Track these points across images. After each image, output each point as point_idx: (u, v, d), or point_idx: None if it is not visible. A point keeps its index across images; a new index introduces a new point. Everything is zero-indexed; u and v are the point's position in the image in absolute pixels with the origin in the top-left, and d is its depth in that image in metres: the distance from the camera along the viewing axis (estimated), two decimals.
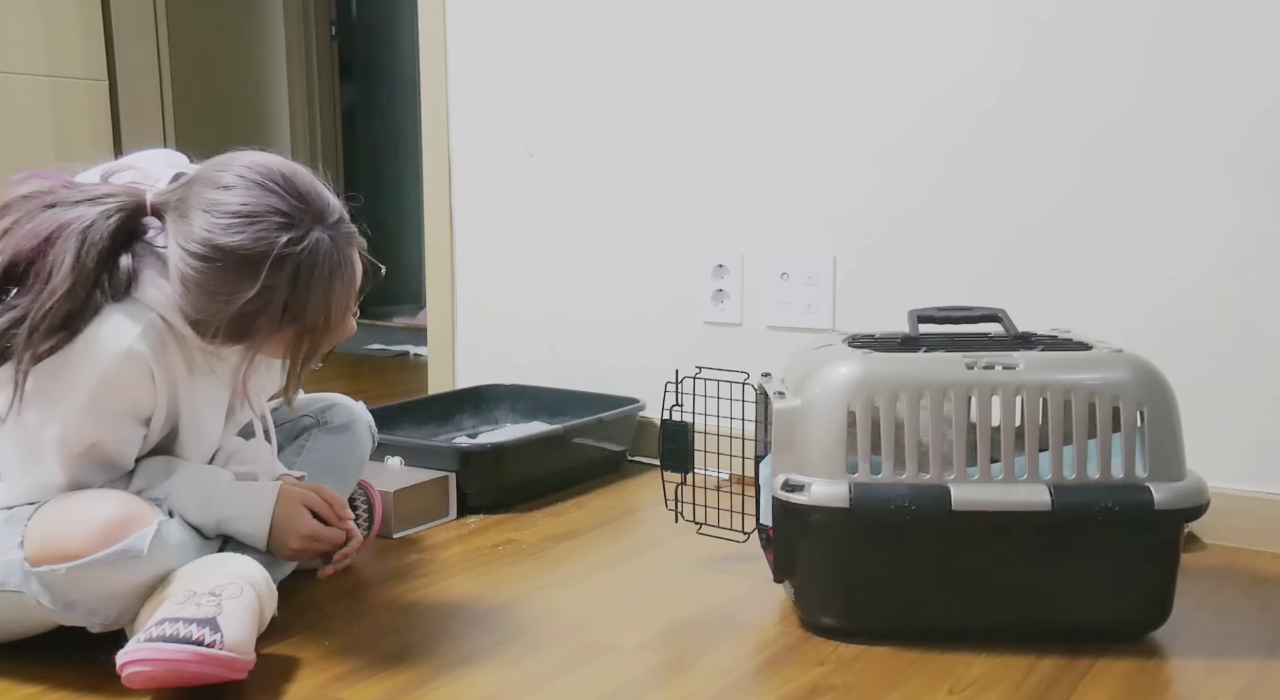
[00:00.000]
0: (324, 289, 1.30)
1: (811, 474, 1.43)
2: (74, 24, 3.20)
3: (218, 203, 1.27)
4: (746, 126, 2.24)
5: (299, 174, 1.32)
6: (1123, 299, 1.92)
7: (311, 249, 1.28)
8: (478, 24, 2.53)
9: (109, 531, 1.29)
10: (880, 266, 2.14)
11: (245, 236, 1.25)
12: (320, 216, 1.30)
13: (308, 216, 1.29)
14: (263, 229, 1.26)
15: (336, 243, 1.31)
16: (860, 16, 2.10)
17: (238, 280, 1.26)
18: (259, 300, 1.27)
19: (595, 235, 2.44)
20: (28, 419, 1.32)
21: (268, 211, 1.27)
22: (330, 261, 1.30)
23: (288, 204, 1.28)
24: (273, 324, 1.29)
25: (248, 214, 1.26)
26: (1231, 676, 1.36)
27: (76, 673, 1.33)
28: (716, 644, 1.47)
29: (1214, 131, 1.84)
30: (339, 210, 1.33)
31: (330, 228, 1.31)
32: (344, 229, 1.33)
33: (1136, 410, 1.42)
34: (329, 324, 1.33)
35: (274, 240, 1.26)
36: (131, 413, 1.37)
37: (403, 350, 3.84)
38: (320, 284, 1.29)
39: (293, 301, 1.28)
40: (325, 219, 1.31)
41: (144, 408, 1.38)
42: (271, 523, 1.49)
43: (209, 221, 1.26)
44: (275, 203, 1.27)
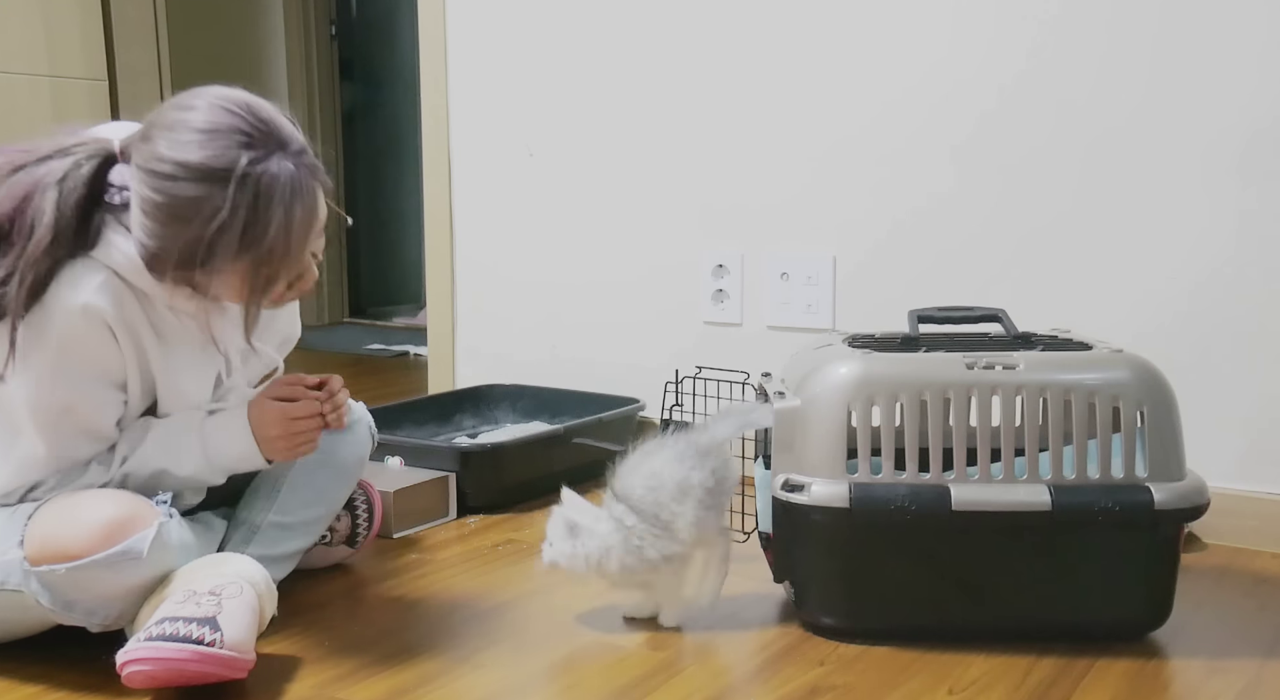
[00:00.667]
0: (284, 213, 1.27)
1: (811, 474, 1.43)
2: (74, 24, 3.20)
3: (181, 121, 1.26)
4: (747, 127, 2.24)
5: (263, 105, 1.30)
6: (1123, 299, 1.92)
7: (273, 171, 1.26)
8: (478, 24, 2.53)
9: (109, 532, 1.28)
10: (880, 266, 2.14)
11: (207, 152, 1.24)
12: (283, 143, 1.28)
13: (271, 141, 1.27)
14: (225, 146, 1.24)
15: (299, 171, 1.28)
16: (862, 18, 2.10)
17: (198, 198, 1.24)
18: (219, 221, 1.24)
19: (595, 235, 2.44)
20: (6, 389, 1.31)
21: (230, 130, 1.25)
22: (292, 186, 1.27)
23: (250, 126, 1.26)
24: (230, 248, 1.26)
25: (210, 130, 1.25)
26: (1231, 676, 1.36)
27: (76, 672, 1.33)
28: (716, 644, 1.47)
29: (1215, 134, 1.84)
30: (303, 143, 1.31)
31: (293, 155, 1.29)
32: (307, 160, 1.31)
33: (1136, 410, 1.42)
34: (288, 253, 1.29)
35: (235, 157, 1.24)
36: (100, 374, 1.35)
37: (403, 350, 3.84)
38: (280, 207, 1.26)
39: (252, 223, 1.25)
40: (288, 146, 1.29)
41: (113, 369, 1.35)
42: (254, 434, 1.45)
43: (171, 139, 1.25)
44: (238, 124, 1.26)
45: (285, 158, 1.28)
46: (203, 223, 1.24)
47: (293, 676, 1.35)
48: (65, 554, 1.27)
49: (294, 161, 1.28)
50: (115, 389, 1.38)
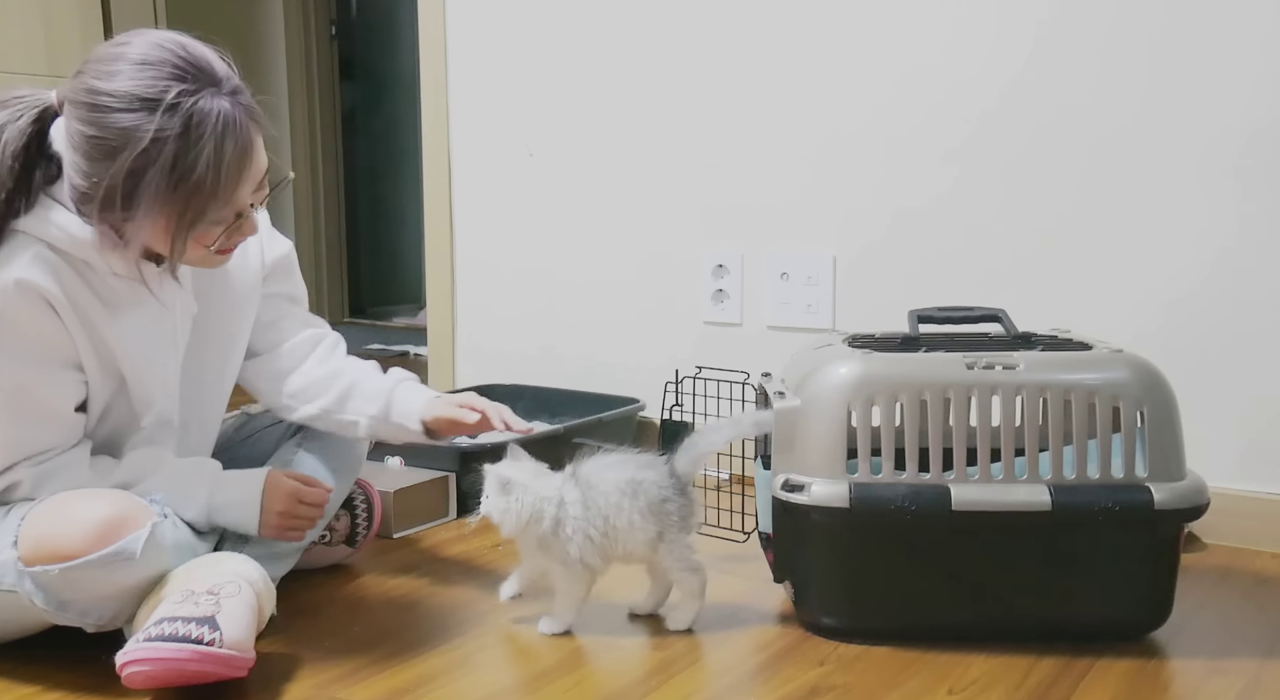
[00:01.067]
0: (214, 147, 1.24)
1: (811, 474, 1.43)
2: (74, 24, 3.20)
3: (113, 54, 1.26)
4: (747, 126, 2.24)
5: (199, 45, 1.30)
6: (1123, 299, 1.92)
7: (203, 105, 1.24)
8: (478, 24, 2.53)
9: (103, 532, 1.28)
10: (880, 266, 2.14)
11: (137, 82, 1.23)
12: (216, 81, 1.27)
13: (204, 77, 1.26)
14: (155, 77, 1.24)
15: (233, 108, 1.27)
16: (862, 18, 2.10)
17: (128, 127, 1.23)
18: (149, 151, 1.22)
19: (595, 235, 2.44)
20: None
21: (162, 62, 1.25)
22: (225, 121, 1.25)
23: (183, 62, 1.26)
24: (161, 181, 1.23)
25: (142, 62, 1.25)
26: (1231, 676, 1.36)
27: (75, 673, 1.33)
28: (716, 644, 1.47)
29: (1214, 134, 1.83)
30: (238, 84, 1.30)
31: (226, 93, 1.27)
32: (243, 100, 1.29)
33: (1136, 410, 1.41)
34: (217, 190, 1.27)
35: (166, 87, 1.23)
36: (47, 353, 1.33)
37: (403, 350, 3.84)
38: (211, 141, 1.24)
39: (182, 155, 1.23)
40: (221, 85, 1.28)
41: (59, 346, 1.34)
42: (261, 504, 1.47)
43: (101, 70, 1.25)
44: (170, 58, 1.26)
45: (219, 95, 1.26)
46: (130, 153, 1.23)
47: (293, 676, 1.35)
48: (59, 554, 1.27)
49: (229, 99, 1.27)
50: (68, 369, 1.36)
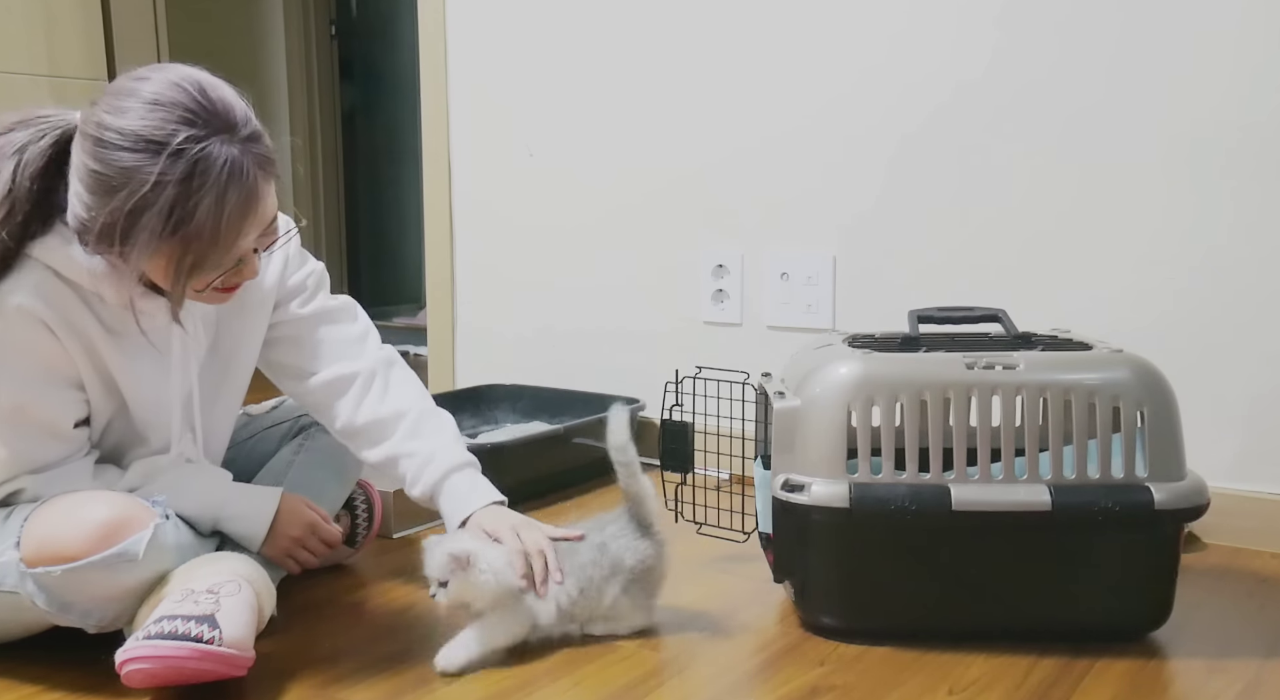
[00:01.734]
0: (217, 196, 1.22)
1: (811, 474, 1.43)
2: (74, 24, 3.19)
3: (130, 90, 1.24)
4: (748, 126, 2.24)
5: (220, 87, 1.27)
6: (1123, 299, 1.92)
7: (211, 151, 1.22)
8: (478, 24, 2.53)
9: (105, 534, 1.28)
10: (880, 266, 2.14)
11: (147, 122, 1.21)
12: (230, 127, 1.24)
13: (217, 121, 1.23)
14: (165, 118, 1.21)
15: (242, 156, 1.24)
16: (861, 19, 2.10)
17: (130, 168, 1.21)
18: (148, 195, 1.20)
19: (595, 235, 2.44)
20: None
21: (175, 104, 1.22)
22: (230, 170, 1.23)
23: (197, 104, 1.23)
24: (158, 225, 1.21)
25: (155, 101, 1.22)
26: (1231, 676, 1.36)
27: (75, 672, 1.33)
28: (716, 644, 1.47)
29: (1210, 133, 1.83)
30: (255, 131, 1.27)
31: (239, 141, 1.25)
32: (255, 149, 1.26)
33: (1136, 410, 1.41)
34: (216, 240, 1.24)
35: (173, 131, 1.21)
36: (47, 374, 1.34)
37: (403, 350, 3.84)
38: (214, 190, 1.21)
39: (181, 202, 1.21)
40: (235, 131, 1.25)
41: (60, 368, 1.34)
42: (273, 524, 1.49)
43: (115, 106, 1.23)
44: (184, 100, 1.23)
45: (230, 141, 1.24)
46: (129, 194, 1.21)
47: (293, 676, 1.35)
48: (61, 555, 1.27)
49: (239, 146, 1.24)
50: (69, 388, 1.36)
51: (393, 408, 1.55)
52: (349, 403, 1.55)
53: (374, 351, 1.59)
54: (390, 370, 1.59)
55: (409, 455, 1.53)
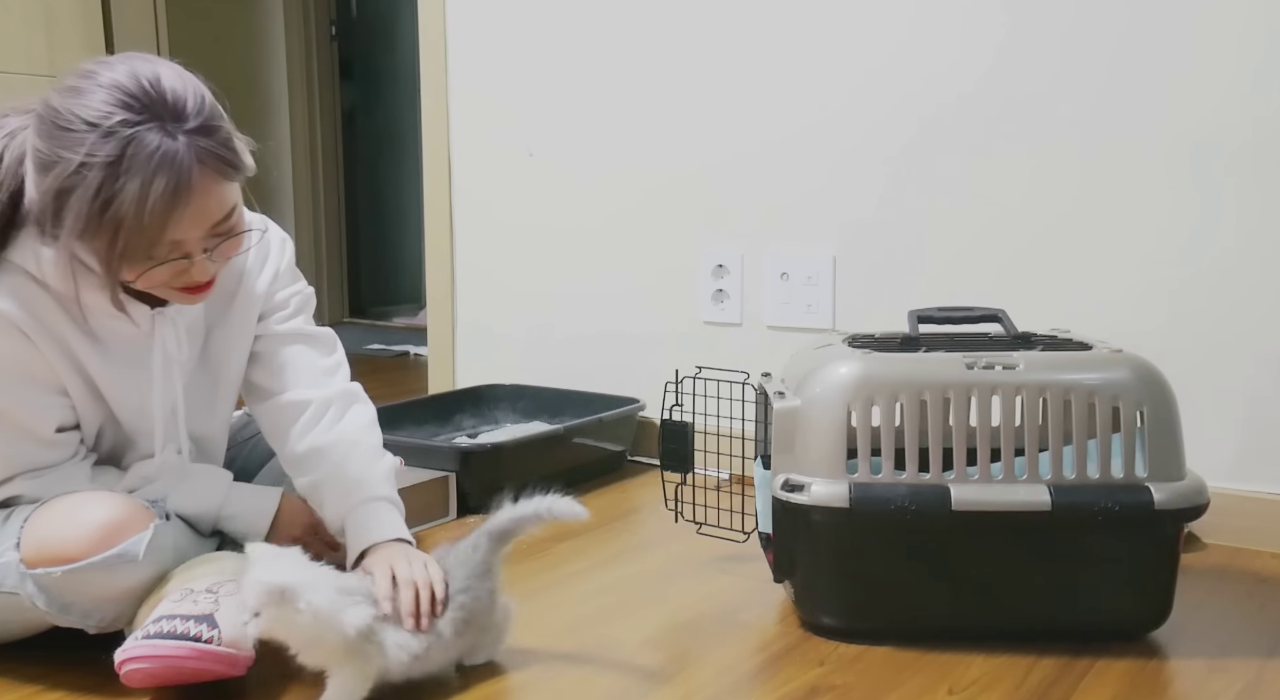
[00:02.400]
0: (144, 183, 1.18)
1: (811, 474, 1.43)
2: (74, 24, 3.20)
3: (86, 73, 1.22)
4: (748, 126, 2.24)
5: (179, 79, 1.23)
6: (1123, 299, 1.92)
7: (143, 137, 1.18)
8: (478, 24, 2.53)
9: (105, 535, 1.28)
10: (881, 267, 2.14)
11: (87, 103, 1.19)
12: (176, 116, 1.20)
13: (159, 109, 1.20)
14: (105, 101, 1.19)
15: (180, 146, 1.19)
16: (861, 20, 2.10)
17: (62, 146, 1.19)
18: (75, 174, 1.18)
19: (595, 235, 2.44)
20: None
21: (117, 88, 1.20)
22: (164, 159, 1.18)
23: (141, 91, 1.20)
24: (84, 207, 1.18)
25: (101, 85, 1.20)
26: (1231, 676, 1.36)
27: (75, 672, 1.33)
28: (716, 644, 1.47)
29: (1211, 132, 1.84)
30: (209, 125, 1.23)
31: (183, 131, 1.20)
32: (202, 142, 1.21)
33: (1136, 410, 1.41)
34: (141, 227, 1.19)
35: (109, 113, 1.18)
36: (24, 378, 1.32)
37: (403, 350, 3.84)
38: (140, 175, 1.17)
39: (108, 184, 1.17)
40: (181, 121, 1.20)
41: (38, 373, 1.33)
42: (273, 523, 1.49)
43: (65, 86, 1.22)
44: (130, 86, 1.20)
45: (171, 130, 1.20)
46: (59, 172, 1.19)
47: (293, 676, 1.35)
48: (61, 556, 1.27)
49: (184, 137, 1.20)
50: (49, 393, 1.35)
51: (335, 437, 1.50)
52: (299, 429, 1.50)
53: (339, 384, 1.55)
54: (349, 405, 1.54)
55: (333, 480, 1.47)
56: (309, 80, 4.35)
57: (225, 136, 1.25)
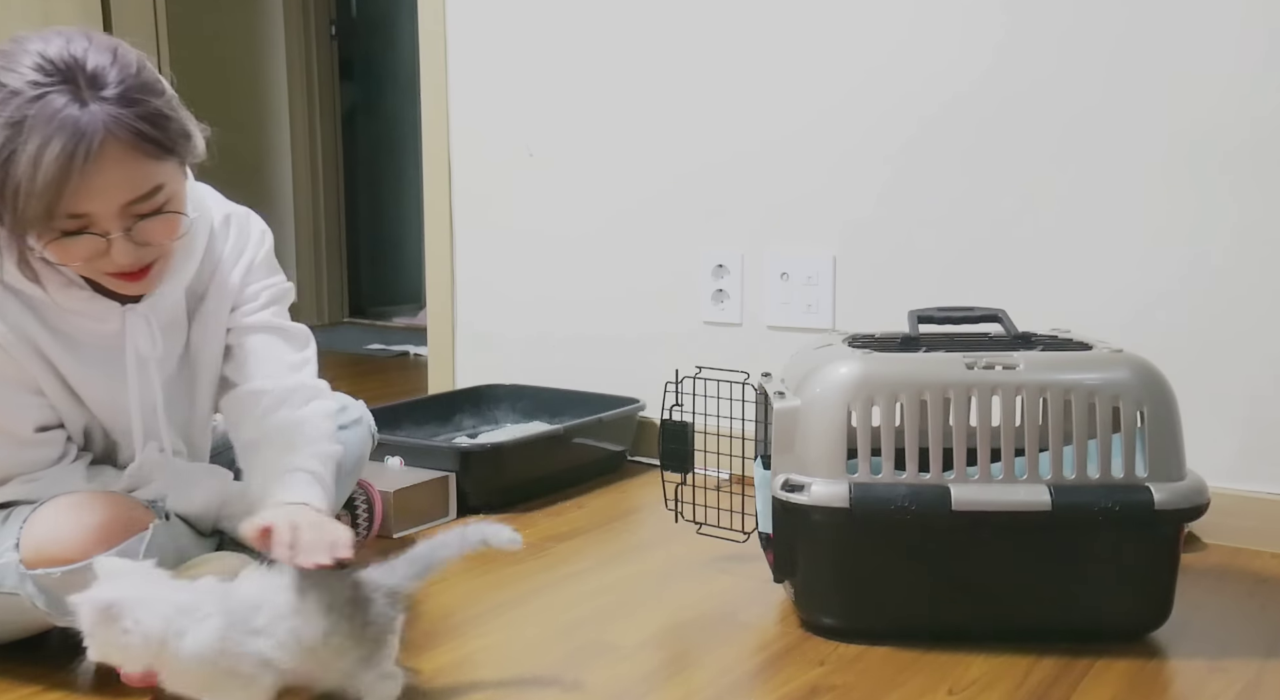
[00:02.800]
0: (40, 145, 1.14)
1: (811, 474, 1.43)
2: (73, 23, 3.19)
3: (19, 38, 1.20)
4: (748, 126, 2.24)
5: (109, 51, 1.20)
6: (1122, 299, 1.92)
7: (49, 100, 1.15)
8: (478, 24, 2.53)
9: (104, 535, 1.28)
10: (881, 267, 2.14)
11: (7, 67, 1.17)
12: (93, 83, 1.17)
13: (74, 75, 1.17)
14: (26, 66, 1.17)
15: (88, 113, 1.16)
16: (860, 21, 2.10)
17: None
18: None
19: (595, 235, 2.44)
20: None
21: (37, 54, 1.17)
22: (62, 121, 1.14)
23: (59, 57, 1.17)
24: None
25: (25, 51, 1.18)
26: (1231, 676, 1.36)
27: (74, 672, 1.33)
28: (716, 644, 1.47)
29: (1209, 132, 1.83)
30: (132, 96, 1.19)
31: (98, 99, 1.16)
32: (118, 112, 1.17)
33: (1136, 410, 1.41)
34: (33, 192, 1.15)
35: (21, 75, 1.16)
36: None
37: (403, 350, 3.84)
38: (40, 136, 1.14)
39: (7, 144, 1.14)
40: (98, 89, 1.17)
41: (9, 374, 1.32)
42: None
43: (3, 49, 1.19)
44: (51, 52, 1.18)
45: (85, 98, 1.16)
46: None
47: None
48: (60, 557, 1.27)
49: (97, 105, 1.16)
50: (23, 393, 1.34)
51: (287, 421, 1.44)
52: (255, 416, 1.44)
53: (304, 379, 1.49)
54: (310, 399, 1.47)
55: (267, 457, 1.41)
56: (309, 80, 4.35)
57: (152, 111, 1.20)
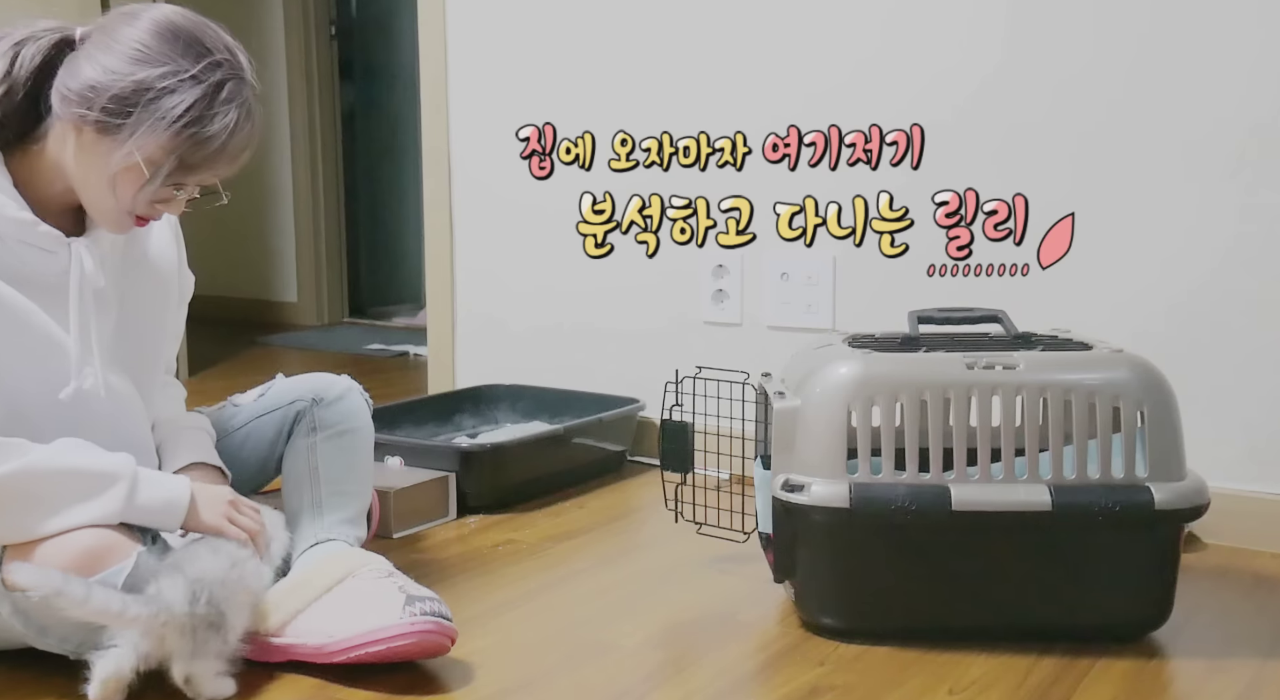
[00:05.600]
0: (236, 118, 1.32)
1: (811, 474, 1.43)
2: None
3: (194, 13, 1.35)
4: (748, 127, 2.24)
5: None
6: (1122, 299, 1.92)
7: (243, 85, 1.34)
8: (478, 24, 2.53)
9: (84, 563, 1.25)
10: (881, 267, 2.13)
11: (205, 31, 1.33)
12: (250, 84, 1.36)
13: (242, 69, 1.35)
14: (216, 42, 1.34)
15: (255, 108, 1.36)
16: (860, 22, 2.10)
17: (172, 54, 1.29)
18: (180, 82, 1.29)
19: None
20: None
21: (218, 37, 1.35)
22: (248, 107, 1.34)
23: (231, 50, 1.35)
24: (175, 114, 1.28)
25: (208, 27, 1.35)
26: (1231, 676, 1.36)
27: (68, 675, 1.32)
28: (716, 644, 1.47)
29: (1212, 130, 1.83)
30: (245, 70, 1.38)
31: (255, 98, 1.36)
32: (258, 115, 1.37)
33: (1137, 410, 1.42)
34: (207, 155, 1.32)
35: (213, 48, 1.32)
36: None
37: (403, 350, 3.84)
38: (234, 111, 1.32)
39: (202, 104, 1.30)
40: (253, 89, 1.37)
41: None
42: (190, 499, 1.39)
43: (174, 9, 1.33)
44: (227, 39, 1.36)
45: (251, 92, 1.35)
46: (166, 73, 1.29)
47: (293, 676, 1.35)
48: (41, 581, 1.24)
49: (256, 102, 1.36)
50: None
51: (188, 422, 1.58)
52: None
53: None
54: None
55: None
56: (309, 80, 4.34)
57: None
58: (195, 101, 1.29)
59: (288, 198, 4.38)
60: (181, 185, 1.36)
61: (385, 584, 1.38)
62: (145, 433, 1.49)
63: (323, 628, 1.35)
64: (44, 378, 1.35)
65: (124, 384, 1.45)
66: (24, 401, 1.34)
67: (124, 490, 1.32)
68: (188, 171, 1.33)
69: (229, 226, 4.20)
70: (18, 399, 1.34)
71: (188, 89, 1.29)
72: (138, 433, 1.46)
